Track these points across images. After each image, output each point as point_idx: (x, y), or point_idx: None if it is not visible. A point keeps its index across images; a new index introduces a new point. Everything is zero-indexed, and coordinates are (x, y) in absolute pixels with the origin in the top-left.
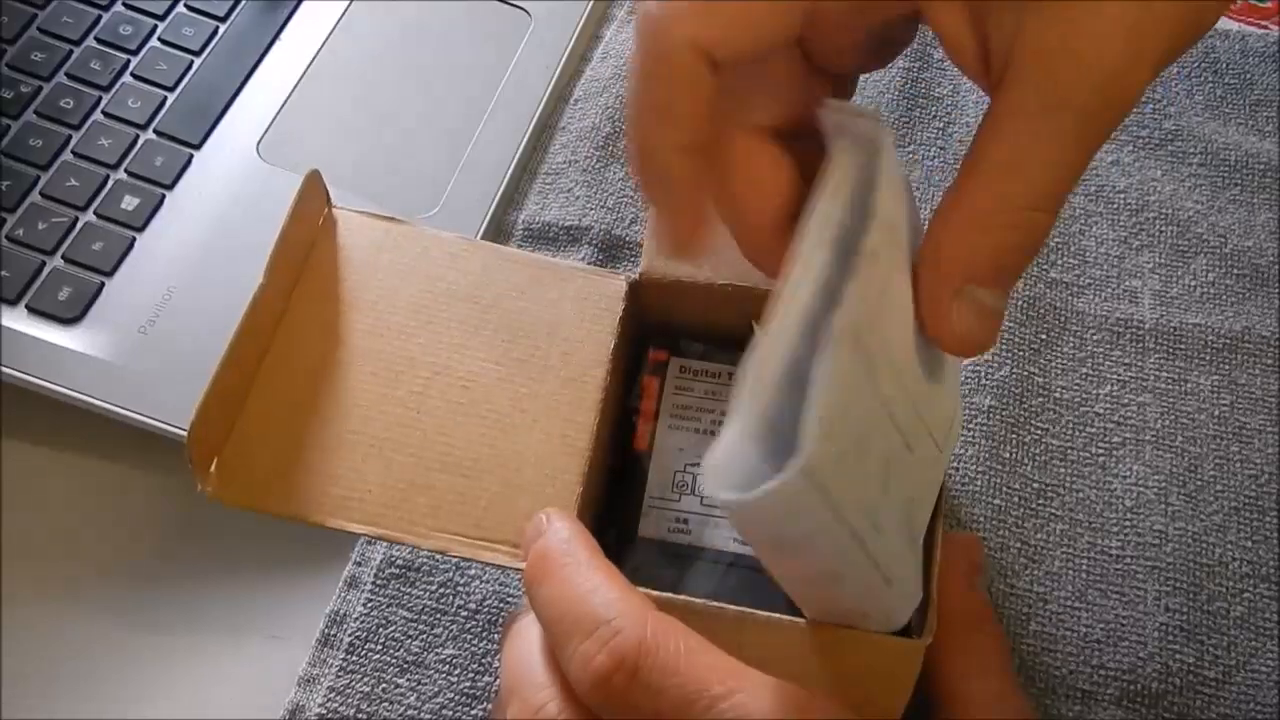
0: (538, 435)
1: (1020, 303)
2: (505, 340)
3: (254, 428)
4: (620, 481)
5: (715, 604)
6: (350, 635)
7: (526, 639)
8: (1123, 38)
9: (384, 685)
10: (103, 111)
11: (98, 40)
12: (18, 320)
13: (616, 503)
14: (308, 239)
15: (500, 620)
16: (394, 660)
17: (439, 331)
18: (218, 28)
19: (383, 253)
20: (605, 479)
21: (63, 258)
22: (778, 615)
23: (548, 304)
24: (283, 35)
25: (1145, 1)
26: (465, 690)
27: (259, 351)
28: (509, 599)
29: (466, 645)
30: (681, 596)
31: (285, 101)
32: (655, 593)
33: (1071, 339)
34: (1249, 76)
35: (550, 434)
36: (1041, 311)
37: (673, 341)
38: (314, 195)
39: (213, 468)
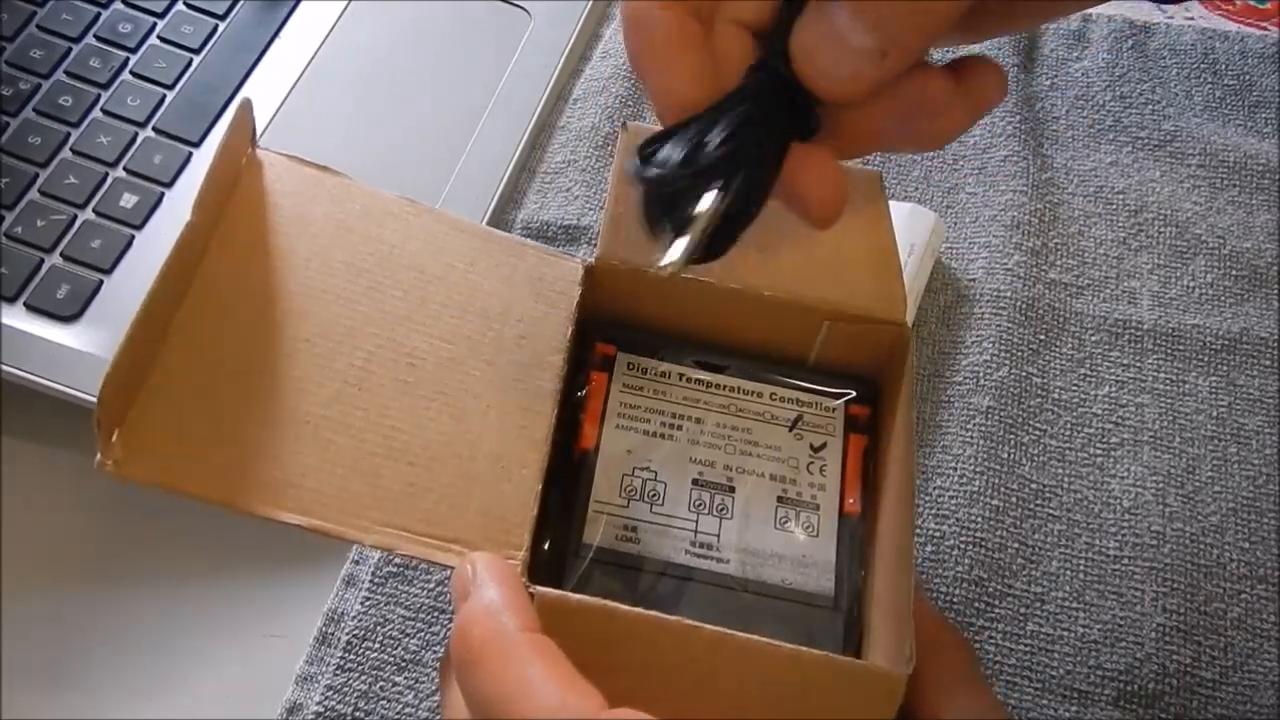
0: (492, 423)
1: (1019, 303)
2: (455, 316)
3: (166, 392)
4: (558, 483)
5: (689, 622)
6: (348, 633)
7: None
8: None
9: (381, 683)
10: (102, 109)
11: (97, 38)
12: (16, 318)
13: (554, 506)
14: (234, 179)
15: None
16: (391, 658)
17: (381, 300)
18: (217, 26)
19: (316, 205)
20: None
21: (61, 255)
22: (756, 638)
23: (500, 280)
24: (282, 34)
25: None
26: None
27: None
28: None
29: None
30: (652, 612)
31: (284, 100)
32: (621, 606)
33: (1070, 340)
34: (1248, 77)
35: (506, 423)
36: (1040, 312)
37: (619, 335)
38: (244, 129)
39: (115, 437)
